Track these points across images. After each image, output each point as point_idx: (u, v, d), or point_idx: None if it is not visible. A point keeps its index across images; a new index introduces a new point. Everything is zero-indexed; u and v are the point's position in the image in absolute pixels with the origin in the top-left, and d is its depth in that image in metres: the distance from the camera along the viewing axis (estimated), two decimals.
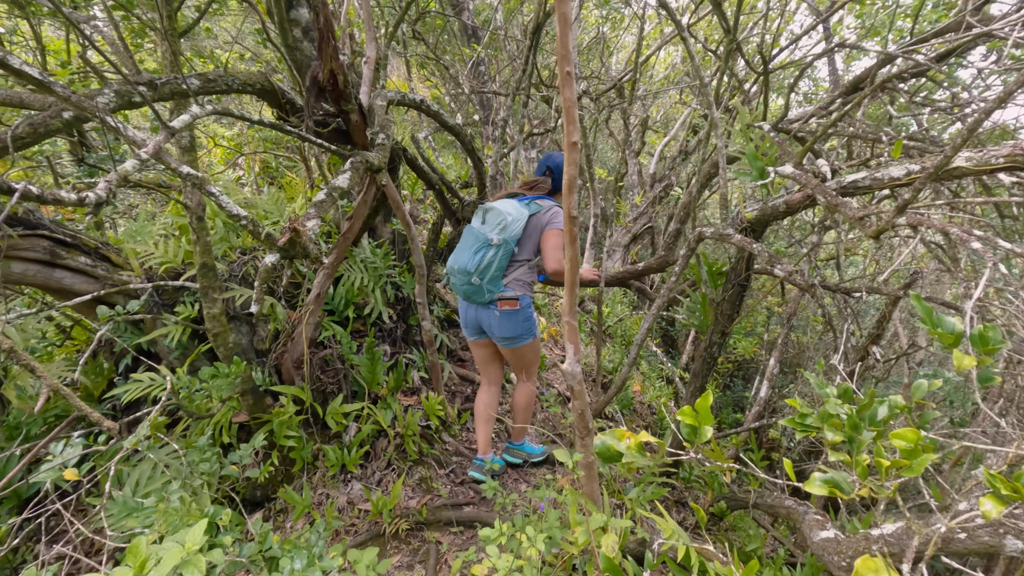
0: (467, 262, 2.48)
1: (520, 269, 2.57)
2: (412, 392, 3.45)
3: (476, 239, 2.50)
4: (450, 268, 2.59)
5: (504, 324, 2.56)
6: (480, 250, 2.46)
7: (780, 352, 6.45)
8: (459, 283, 2.56)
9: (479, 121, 6.14)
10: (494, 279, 2.48)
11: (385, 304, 3.47)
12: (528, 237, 2.56)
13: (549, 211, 2.57)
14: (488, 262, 2.45)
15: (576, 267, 1.66)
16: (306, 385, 2.76)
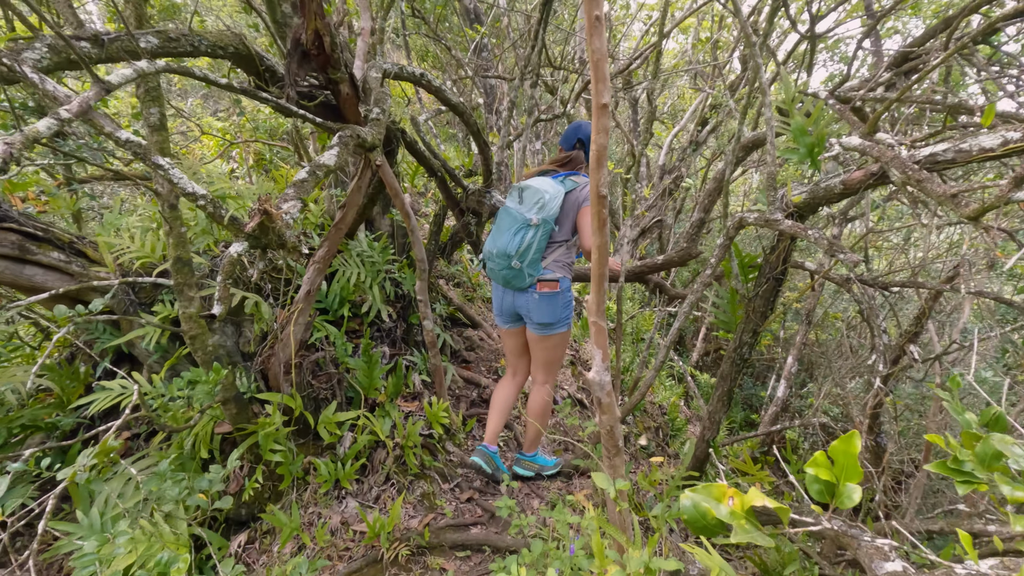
0: (507, 244, 2.34)
1: (559, 250, 2.44)
2: (413, 397, 3.18)
3: (514, 220, 2.36)
4: (487, 253, 2.47)
5: (543, 308, 2.42)
6: (520, 231, 2.33)
7: (799, 350, 6.18)
8: (498, 268, 2.42)
9: (482, 109, 5.86)
10: (534, 262, 2.36)
11: (384, 302, 3.20)
12: (565, 216, 2.42)
13: (585, 188, 2.44)
14: (528, 243, 2.33)
15: (605, 256, 1.39)
16: (295, 392, 2.50)
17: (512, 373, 2.83)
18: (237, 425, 2.42)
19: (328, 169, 1.48)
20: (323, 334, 2.81)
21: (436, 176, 3.08)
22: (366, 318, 3.09)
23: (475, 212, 3.30)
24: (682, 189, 8.22)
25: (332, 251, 2.49)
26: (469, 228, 3.42)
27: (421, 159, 2.93)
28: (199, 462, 2.41)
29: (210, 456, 2.49)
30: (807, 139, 1.88)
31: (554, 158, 2.61)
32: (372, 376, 2.80)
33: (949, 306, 4.47)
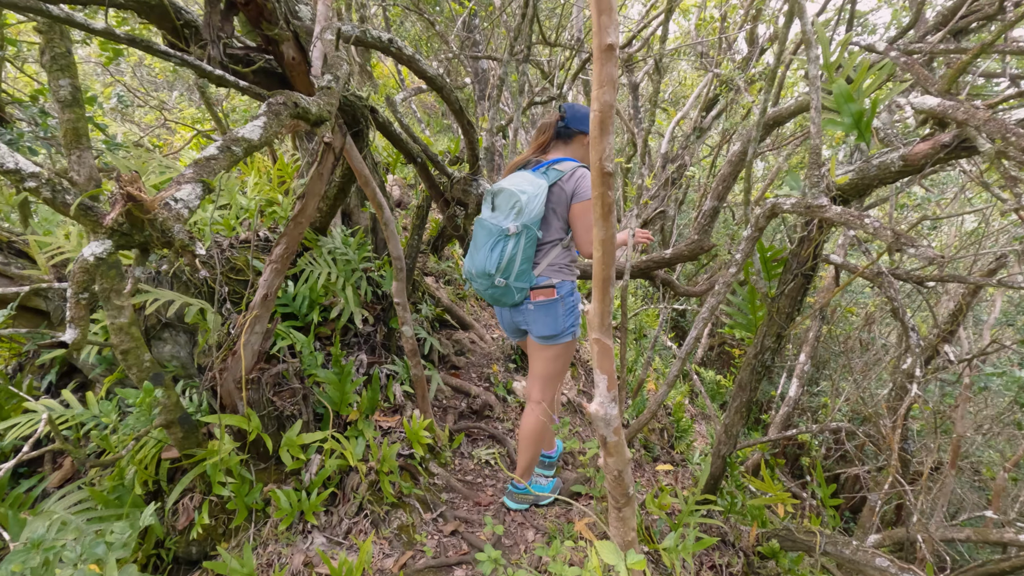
0: (484, 262, 2.05)
1: (554, 251, 2.12)
2: (394, 411, 2.85)
3: (488, 233, 2.07)
4: (467, 272, 2.18)
5: (540, 319, 2.13)
6: (497, 244, 2.03)
7: (812, 347, 5.85)
8: (483, 288, 2.15)
9: (474, 93, 5.50)
10: (523, 273, 2.07)
11: (359, 304, 2.86)
12: (552, 212, 2.10)
13: (573, 175, 2.06)
14: (510, 256, 2.03)
15: (611, 256, 1.06)
16: (251, 412, 2.17)
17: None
18: (184, 451, 2.10)
19: (250, 145, 1.14)
20: (287, 343, 2.48)
21: (416, 163, 2.74)
22: (338, 323, 2.76)
23: (461, 203, 2.96)
24: (685, 179, 7.87)
25: (291, 249, 2.15)
26: (455, 221, 3.08)
27: (397, 143, 2.58)
28: (140, 495, 2.08)
29: (155, 487, 2.17)
30: (854, 105, 1.54)
31: (534, 142, 2.24)
32: (344, 390, 2.47)
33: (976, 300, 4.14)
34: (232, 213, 2.76)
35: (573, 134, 2.18)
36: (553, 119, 2.20)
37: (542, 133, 2.21)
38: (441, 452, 2.66)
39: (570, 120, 2.17)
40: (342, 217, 3.37)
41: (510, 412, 3.18)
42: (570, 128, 2.17)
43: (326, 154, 2.03)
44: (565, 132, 2.18)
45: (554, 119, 2.19)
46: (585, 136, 2.18)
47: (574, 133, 2.18)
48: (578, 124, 2.17)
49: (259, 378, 2.26)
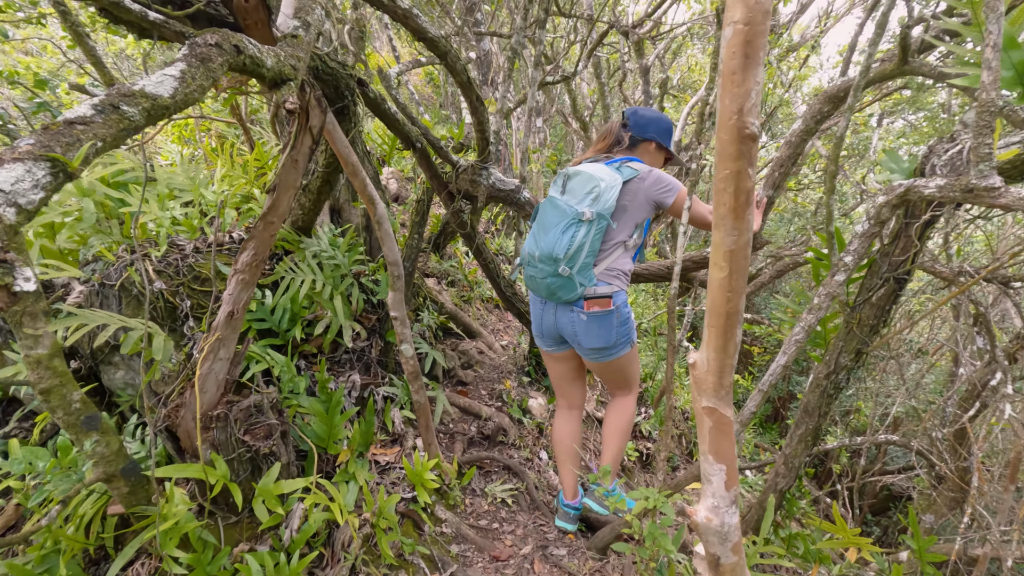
0: (553, 244, 1.89)
1: (615, 253, 1.97)
2: (393, 440, 2.44)
3: (562, 214, 1.91)
4: (527, 256, 2.02)
5: (593, 332, 1.98)
6: (570, 227, 1.88)
7: None
8: (541, 275, 1.97)
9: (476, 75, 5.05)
10: (586, 267, 1.91)
11: (350, 316, 2.44)
12: (623, 210, 1.96)
13: (650, 176, 1.96)
14: (580, 243, 1.88)
15: (742, 276, 0.63)
16: (216, 457, 1.76)
17: (567, 406, 2.37)
18: (131, 509, 1.68)
19: (155, 104, 0.72)
20: (263, 367, 2.06)
21: (415, 148, 2.31)
22: (326, 339, 2.34)
23: (468, 196, 2.53)
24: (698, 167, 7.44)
25: (261, 254, 1.72)
26: (461, 217, 2.65)
27: (392, 124, 2.16)
28: (78, 562, 1.68)
29: (98, 553, 1.77)
30: (1017, 53, 1.11)
31: (593, 147, 2.17)
32: (332, 422, 2.05)
33: None
34: (196, 211, 2.33)
35: (637, 143, 2.09)
36: (614, 125, 2.11)
37: (602, 139, 2.12)
38: (449, 492, 2.25)
39: (633, 127, 2.07)
40: (330, 214, 2.95)
41: (527, 437, 2.77)
42: (635, 136, 2.07)
43: (301, 135, 1.61)
44: (632, 139, 2.08)
45: (615, 125, 2.10)
46: (650, 144, 2.10)
47: (638, 141, 2.08)
48: (642, 131, 2.07)
49: (226, 414, 1.84)
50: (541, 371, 3.41)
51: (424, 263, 4.26)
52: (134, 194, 2.13)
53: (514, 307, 3.11)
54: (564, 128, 12.16)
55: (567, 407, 2.36)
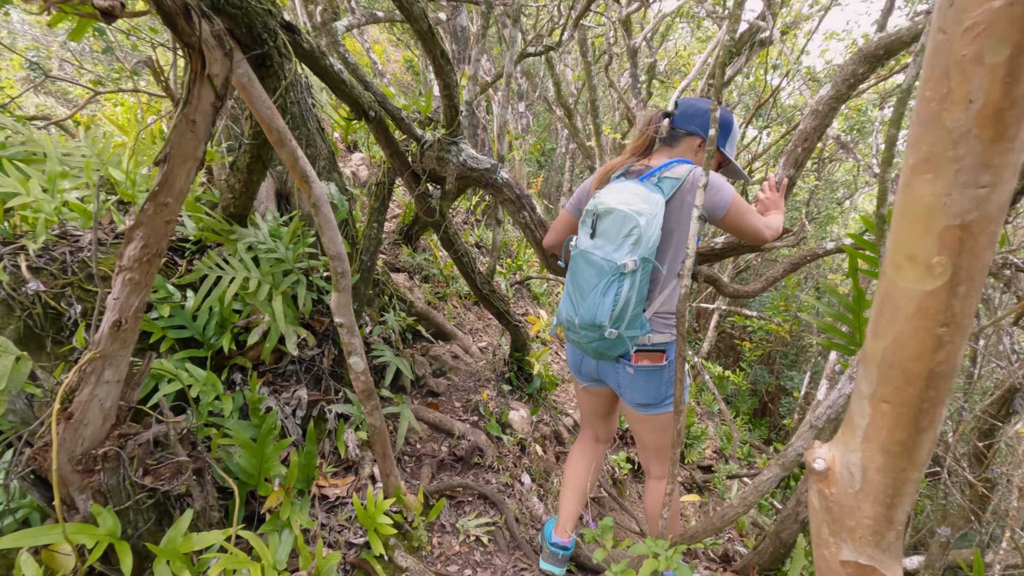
0: (594, 311, 1.56)
1: (667, 288, 1.63)
2: (347, 468, 2.05)
3: (599, 271, 1.57)
4: (566, 322, 1.69)
5: (640, 386, 1.69)
6: (611, 286, 1.55)
7: None
8: (586, 341, 1.64)
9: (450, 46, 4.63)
10: (636, 319, 1.57)
11: (295, 320, 2.04)
12: (670, 235, 1.60)
13: (693, 181, 1.58)
14: (625, 300, 1.54)
15: (975, 284, 0.21)
16: (100, 510, 1.36)
17: (593, 437, 2.08)
18: None
19: None
20: (175, 387, 1.65)
21: (368, 118, 1.91)
22: (264, 349, 1.94)
23: (435, 177, 2.14)
24: None
25: (155, 245, 1.32)
26: (428, 203, 2.26)
27: (336, 86, 1.76)
28: None
29: None
30: None
31: (632, 144, 1.77)
32: (264, 454, 1.66)
33: None
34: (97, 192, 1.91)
35: (680, 136, 1.71)
36: (655, 114, 1.74)
37: (640, 136, 1.75)
38: (412, 531, 1.87)
39: (679, 118, 1.70)
40: (277, 200, 2.54)
41: (507, 457, 2.40)
42: (677, 129, 1.70)
43: (197, 87, 1.20)
44: (670, 134, 1.71)
45: (656, 115, 1.74)
46: (696, 139, 1.71)
47: (681, 135, 1.71)
48: (688, 123, 1.69)
49: (117, 451, 1.44)
50: (523, 377, 3.04)
51: (395, 255, 3.86)
52: (11, 174, 1.70)
53: (492, 306, 2.73)
54: (548, 116, 11.76)
55: (593, 439, 2.08)
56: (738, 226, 1.64)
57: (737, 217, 1.61)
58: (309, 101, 2.58)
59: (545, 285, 5.27)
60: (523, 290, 4.90)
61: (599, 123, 6.23)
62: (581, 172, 12.03)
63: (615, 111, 10.45)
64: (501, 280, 4.19)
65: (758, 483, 1.48)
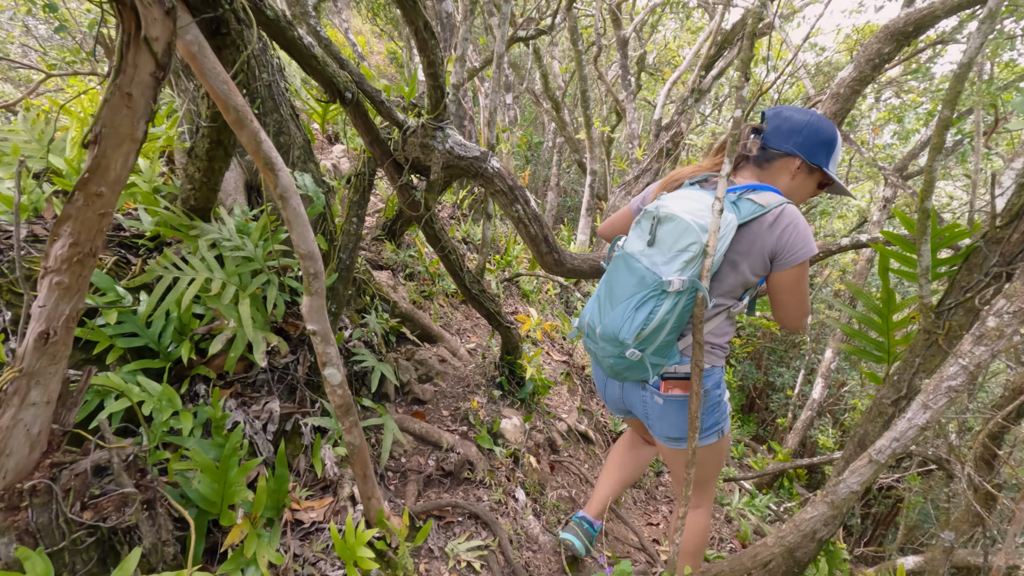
0: (620, 325, 1.38)
1: (712, 323, 1.46)
2: (325, 488, 1.86)
3: (640, 282, 1.37)
4: (586, 328, 1.53)
5: (670, 419, 1.53)
6: (647, 301, 1.36)
7: (839, 341, 5.05)
8: (602, 353, 1.50)
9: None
10: (665, 347, 1.41)
11: (265, 326, 1.85)
12: (732, 267, 1.39)
13: (780, 216, 1.33)
14: (660, 323, 1.35)
15: None
16: (28, 553, 1.16)
17: (641, 441, 2.02)
18: None
19: None
20: (123, 405, 1.45)
21: (344, 100, 1.71)
22: (229, 359, 1.74)
23: (420, 167, 1.95)
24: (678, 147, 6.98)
25: (87, 243, 1.12)
26: (412, 195, 2.07)
27: (307, 62, 1.56)
28: None
29: None
30: None
31: (710, 156, 1.52)
32: (227, 478, 1.46)
33: None
34: (30, 183, 1.69)
35: (774, 157, 1.44)
36: (744, 130, 1.45)
37: (720, 149, 1.51)
38: (397, 559, 1.69)
39: (770, 135, 1.43)
40: (247, 192, 2.33)
41: (499, 471, 2.23)
42: (770, 149, 1.44)
43: (131, 52, 1.00)
44: (763, 152, 1.45)
45: (745, 130, 1.46)
46: (794, 160, 1.42)
47: (775, 156, 1.44)
48: (784, 142, 1.42)
49: (49, 484, 1.24)
50: (515, 381, 2.87)
51: (378, 251, 3.65)
52: None
53: (482, 306, 2.55)
54: (534, 109, 11.57)
55: (641, 443, 2.04)
56: (791, 291, 1.39)
57: (798, 281, 1.37)
58: (282, 84, 2.37)
59: (535, 282, 5.10)
60: (512, 287, 4.73)
61: (589, 115, 6.07)
62: (568, 167, 11.87)
63: (603, 104, 10.30)
64: (491, 278, 4.01)
65: (800, 522, 1.32)
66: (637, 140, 7.09)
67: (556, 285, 5.49)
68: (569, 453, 2.96)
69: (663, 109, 6.64)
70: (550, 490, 2.40)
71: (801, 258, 1.33)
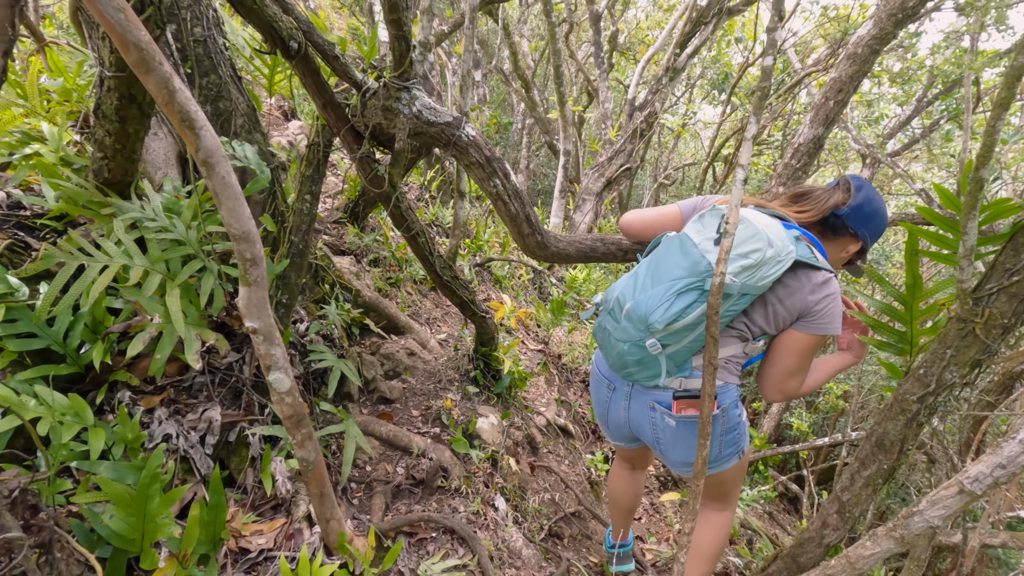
0: (655, 306, 1.25)
1: (729, 347, 1.35)
2: (276, 507, 1.61)
3: (692, 266, 1.26)
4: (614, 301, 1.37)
5: (684, 443, 1.40)
6: (690, 290, 1.24)
7: None
8: (618, 335, 1.35)
9: None
10: (683, 355, 1.30)
11: (202, 321, 1.57)
12: (764, 305, 1.31)
13: (828, 282, 1.27)
14: (694, 321, 1.24)
15: None
16: None
17: (631, 467, 1.92)
18: None
19: None
20: (12, 423, 1.17)
21: (289, 52, 1.44)
22: (154, 362, 1.46)
23: (382, 135, 1.69)
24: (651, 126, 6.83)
25: None
26: (374, 170, 1.81)
27: (242, 4, 1.27)
28: None
29: None
30: None
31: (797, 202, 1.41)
32: (147, 510, 1.20)
33: None
34: None
35: (842, 231, 1.37)
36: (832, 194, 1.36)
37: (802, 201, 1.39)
38: None
39: (853, 213, 1.34)
40: (181, 165, 2.02)
41: (476, 476, 2.01)
42: (844, 221, 1.35)
43: None
44: (835, 221, 1.36)
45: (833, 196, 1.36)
46: (855, 243, 1.38)
47: (844, 231, 1.37)
48: (862, 224, 1.35)
49: None
50: (491, 374, 2.65)
51: (339, 235, 3.36)
52: None
53: (454, 294, 2.31)
54: (503, 89, 11.23)
55: (631, 469, 1.92)
56: (797, 354, 1.33)
57: (809, 350, 1.32)
58: (220, 41, 2.06)
59: (507, 267, 4.88)
60: (484, 273, 4.49)
61: (563, 91, 5.83)
62: (538, 148, 11.60)
63: (573, 85, 10.05)
64: (463, 264, 3.76)
65: (856, 559, 1.15)
66: (610, 120, 6.90)
67: (529, 270, 5.28)
68: (549, 449, 2.78)
69: (637, 88, 6.45)
70: (531, 494, 2.21)
71: (825, 330, 1.29)
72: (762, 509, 4.09)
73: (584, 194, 6.52)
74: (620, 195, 10.03)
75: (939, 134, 4.91)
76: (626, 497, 1.95)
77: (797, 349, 1.32)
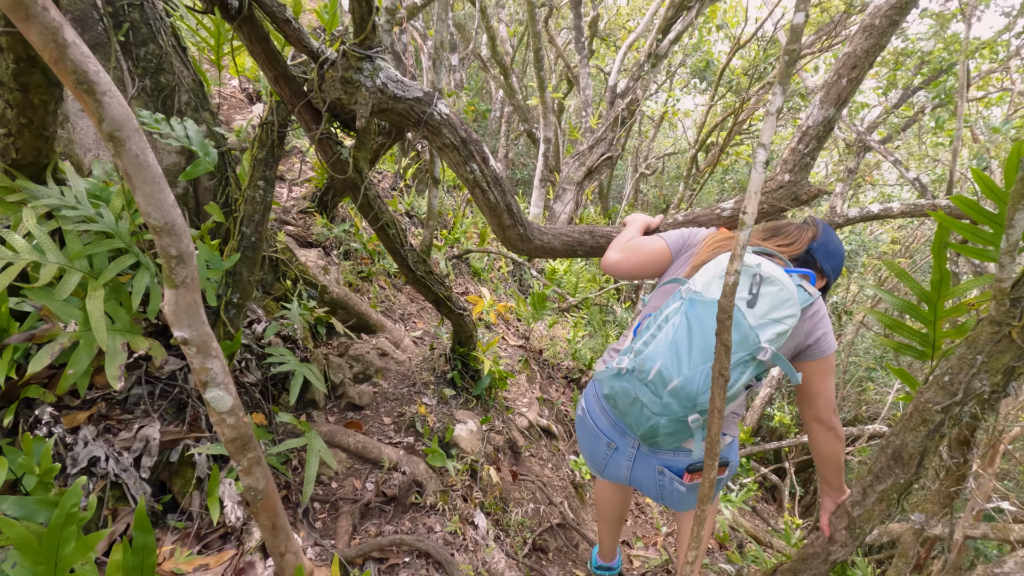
0: (707, 383, 1.17)
1: (739, 398, 1.35)
2: (225, 536, 1.42)
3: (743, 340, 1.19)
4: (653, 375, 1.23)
5: (688, 500, 1.42)
6: (738, 364, 1.19)
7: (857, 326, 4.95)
8: (655, 408, 1.24)
9: None
10: None
11: (134, 327, 1.36)
12: None
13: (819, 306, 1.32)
14: (736, 392, 1.24)
15: None
16: None
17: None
18: None
19: None
20: None
21: (229, 12, 1.23)
22: (67, 376, 1.24)
23: (342, 112, 1.49)
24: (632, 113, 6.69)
25: None
26: (337, 153, 1.60)
27: None
28: None
29: None
30: None
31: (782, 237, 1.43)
32: (60, 556, 1.00)
33: None
34: None
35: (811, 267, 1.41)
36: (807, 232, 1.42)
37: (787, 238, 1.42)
38: None
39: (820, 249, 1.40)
40: None
41: (453, 491, 1.84)
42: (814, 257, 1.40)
43: None
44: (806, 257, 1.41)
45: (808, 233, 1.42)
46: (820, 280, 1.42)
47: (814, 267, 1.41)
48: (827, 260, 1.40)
49: None
50: (470, 375, 2.48)
51: (305, 226, 3.13)
52: None
53: (429, 291, 2.12)
54: (481, 76, 10.96)
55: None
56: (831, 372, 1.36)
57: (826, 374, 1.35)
58: (160, 6, 1.83)
59: (486, 259, 4.69)
60: (461, 266, 4.30)
61: (543, 76, 5.63)
62: (517, 137, 11.37)
63: (553, 72, 9.84)
64: (439, 257, 3.56)
65: None
66: (591, 108, 6.72)
67: (509, 262, 5.11)
68: (531, 453, 2.62)
69: (618, 75, 6.29)
70: (514, 506, 2.05)
71: (828, 350, 1.33)
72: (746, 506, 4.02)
73: (564, 183, 6.35)
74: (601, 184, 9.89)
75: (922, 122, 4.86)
76: (612, 505, 1.86)
77: (828, 368, 1.35)
